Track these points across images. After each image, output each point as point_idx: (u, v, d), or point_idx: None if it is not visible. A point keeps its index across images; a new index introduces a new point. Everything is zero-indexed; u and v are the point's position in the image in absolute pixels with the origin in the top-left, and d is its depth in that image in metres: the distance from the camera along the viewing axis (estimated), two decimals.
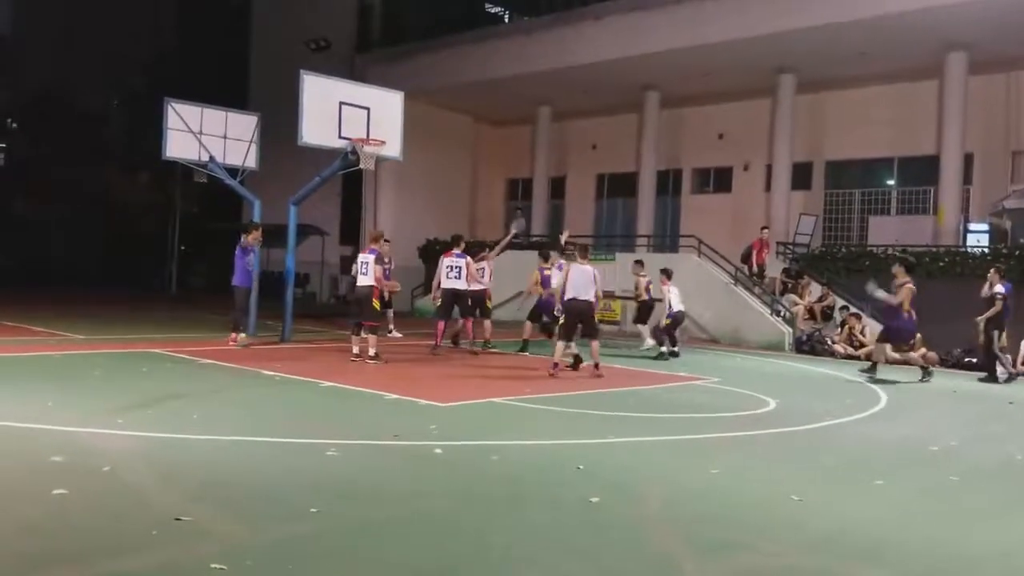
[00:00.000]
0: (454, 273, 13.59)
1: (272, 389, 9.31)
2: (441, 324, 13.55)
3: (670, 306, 15.00)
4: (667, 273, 15.31)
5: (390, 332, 15.72)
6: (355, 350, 11.85)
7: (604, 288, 21.76)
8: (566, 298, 11.38)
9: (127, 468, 5.42)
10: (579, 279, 11.30)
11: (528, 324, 14.68)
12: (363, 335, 11.79)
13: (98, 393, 8.38)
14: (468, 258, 13.81)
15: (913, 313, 12.87)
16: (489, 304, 14.43)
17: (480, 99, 27.21)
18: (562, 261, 12.68)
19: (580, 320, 11.42)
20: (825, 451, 7.05)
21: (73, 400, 7.87)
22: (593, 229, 27.92)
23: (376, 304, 11.87)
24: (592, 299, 11.37)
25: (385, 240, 13.82)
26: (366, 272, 11.80)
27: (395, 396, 8.89)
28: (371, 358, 11.54)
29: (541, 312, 14.61)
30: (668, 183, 26.35)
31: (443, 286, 13.65)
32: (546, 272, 14.51)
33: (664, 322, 14.96)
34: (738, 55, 20.70)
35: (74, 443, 6.04)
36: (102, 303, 22.34)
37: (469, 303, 13.90)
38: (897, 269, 13.26)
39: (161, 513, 4.48)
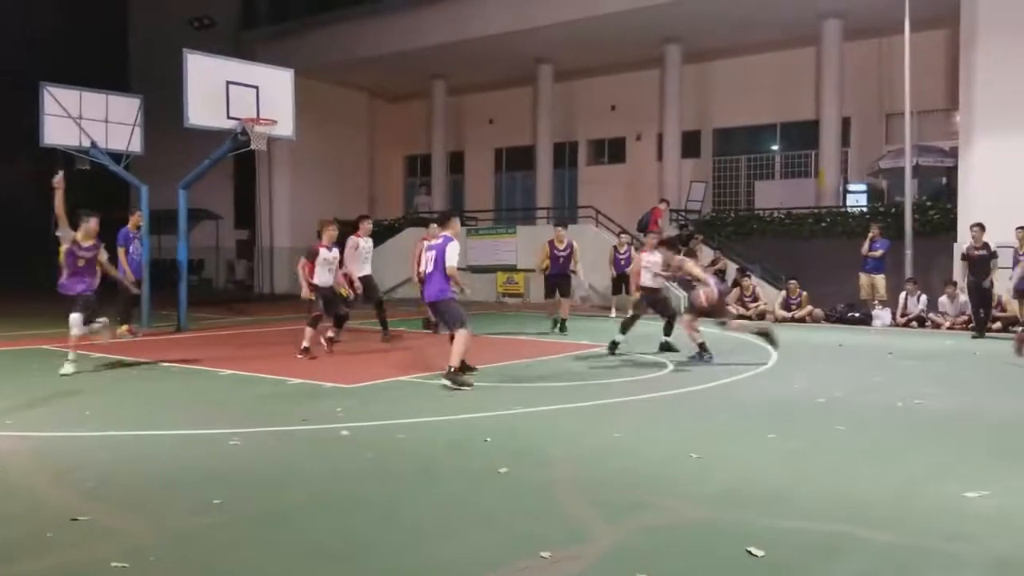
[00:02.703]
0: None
1: (170, 380, 9.08)
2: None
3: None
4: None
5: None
6: (330, 333, 11.14)
7: (504, 262, 22.08)
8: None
9: (17, 470, 5.22)
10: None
11: (563, 301, 14.45)
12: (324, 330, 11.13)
13: None
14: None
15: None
16: (344, 292, 11.92)
17: (374, 75, 26.88)
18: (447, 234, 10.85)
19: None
20: (720, 409, 7.33)
21: None
22: (493, 203, 28.02)
23: (343, 292, 11.27)
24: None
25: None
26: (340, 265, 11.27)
27: (298, 380, 8.79)
28: (302, 351, 10.62)
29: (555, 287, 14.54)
30: (564, 155, 26.66)
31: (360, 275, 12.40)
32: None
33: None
34: (627, 26, 21.01)
35: None
36: None
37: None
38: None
39: (56, 514, 4.34)
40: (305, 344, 10.64)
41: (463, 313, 8.68)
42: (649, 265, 11.54)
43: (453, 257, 8.48)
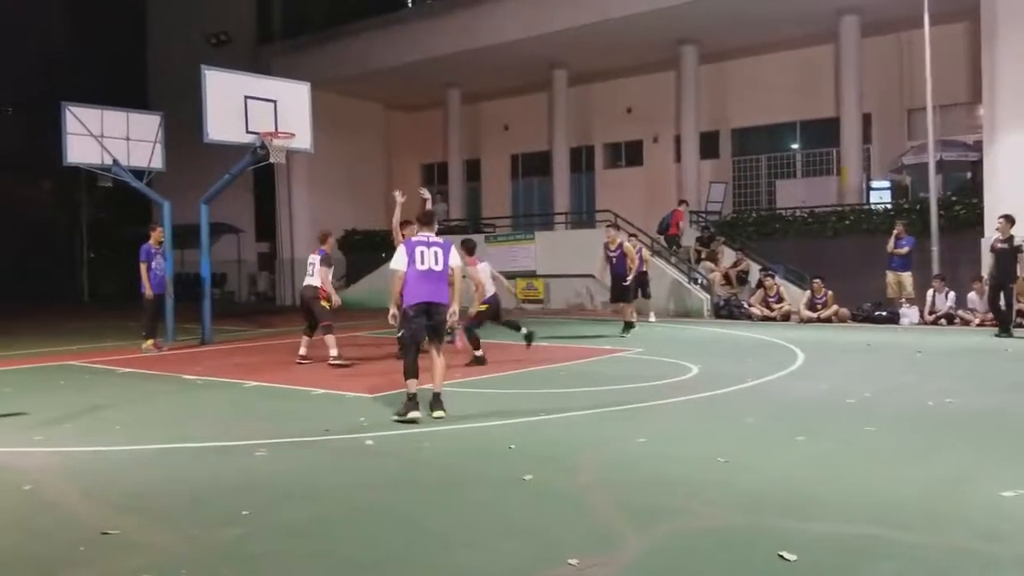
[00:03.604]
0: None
1: (196, 393, 9.13)
2: None
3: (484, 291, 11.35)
4: (468, 248, 10.85)
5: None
6: (302, 351, 11.29)
7: (523, 268, 21.97)
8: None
9: (49, 485, 5.26)
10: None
11: (627, 306, 14.44)
12: (316, 336, 11.24)
13: (14, 411, 8.06)
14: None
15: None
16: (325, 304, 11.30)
17: (389, 85, 26.97)
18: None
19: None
20: (747, 412, 7.25)
21: None
22: (511, 209, 28.03)
23: (325, 304, 11.12)
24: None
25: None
26: (312, 273, 11.27)
27: (322, 391, 8.81)
28: (334, 359, 10.74)
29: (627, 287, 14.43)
30: (581, 159, 26.62)
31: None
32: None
33: (477, 309, 11.11)
34: (640, 28, 20.97)
35: None
36: (11, 317, 21.46)
37: None
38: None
39: (88, 528, 4.36)
40: (335, 352, 10.80)
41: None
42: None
43: (456, 259, 7.58)
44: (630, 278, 14.47)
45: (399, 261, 7.35)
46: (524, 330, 11.30)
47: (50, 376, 10.55)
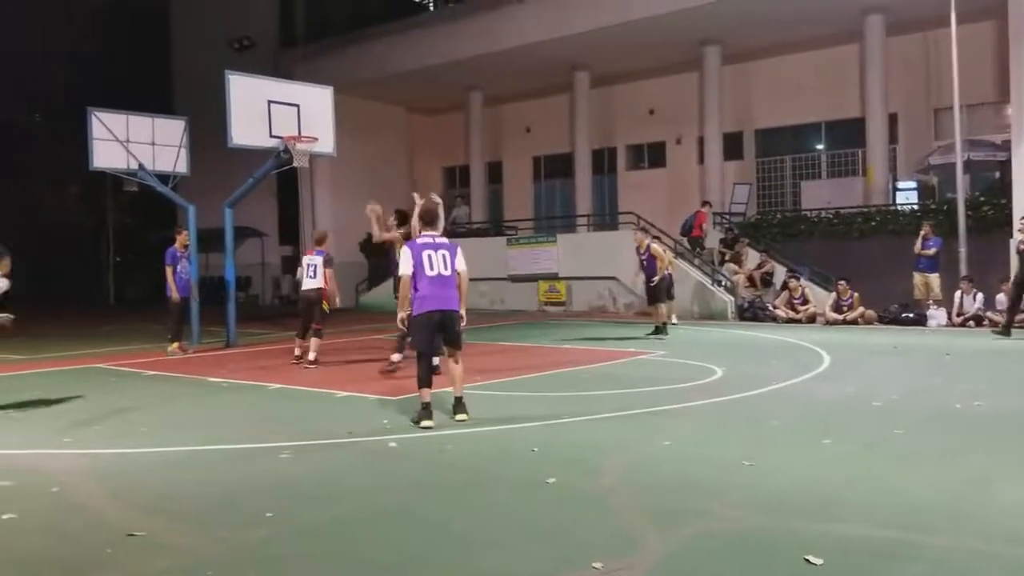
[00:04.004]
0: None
1: (220, 396, 9.19)
2: None
3: None
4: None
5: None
6: (297, 352, 11.54)
7: (545, 271, 21.90)
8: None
9: (76, 487, 5.31)
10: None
11: (661, 306, 14.45)
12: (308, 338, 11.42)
13: (41, 413, 8.16)
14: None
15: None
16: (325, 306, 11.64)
17: (410, 89, 27.06)
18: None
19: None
20: (772, 414, 7.20)
21: (15, 422, 7.66)
22: (533, 212, 28.03)
23: (325, 306, 11.37)
24: None
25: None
26: (314, 275, 11.33)
27: (345, 393, 8.85)
28: (310, 363, 11.03)
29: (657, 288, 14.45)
30: (603, 161, 26.58)
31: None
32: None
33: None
34: (661, 30, 20.92)
35: (19, 466, 5.90)
36: (39, 320, 21.72)
37: None
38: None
39: (114, 530, 4.40)
40: (314, 355, 11.06)
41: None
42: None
43: (462, 262, 7.35)
44: (656, 279, 14.44)
45: (405, 265, 7.14)
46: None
47: (78, 379, 10.65)
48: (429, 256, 7.09)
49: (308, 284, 11.36)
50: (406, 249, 7.26)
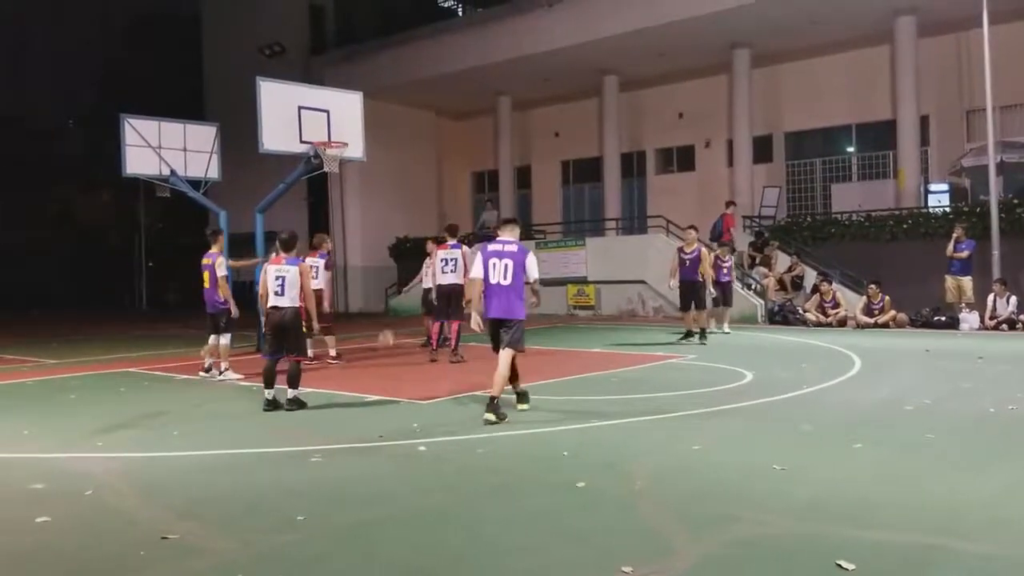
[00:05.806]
0: (450, 267, 12.13)
1: (251, 399, 9.25)
2: (436, 325, 12.63)
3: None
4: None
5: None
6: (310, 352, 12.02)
7: (574, 275, 21.92)
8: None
9: (110, 490, 5.38)
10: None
11: (692, 312, 14.12)
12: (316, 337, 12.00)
13: (76, 417, 8.28)
14: (465, 248, 12.49)
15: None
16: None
17: (439, 93, 27.17)
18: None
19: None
20: (803, 419, 7.14)
21: (50, 426, 7.78)
22: (561, 216, 28.01)
23: (325, 307, 11.93)
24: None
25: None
26: (315, 276, 11.38)
27: (375, 397, 8.89)
28: (332, 358, 12.03)
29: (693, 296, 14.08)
30: (632, 165, 26.52)
31: (439, 282, 12.32)
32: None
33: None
34: (690, 33, 20.84)
35: (54, 469, 5.99)
36: (73, 325, 22.07)
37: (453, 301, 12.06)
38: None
39: (148, 533, 4.45)
40: (334, 351, 12.03)
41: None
42: None
43: (534, 269, 7.75)
44: (711, 286, 14.32)
45: (476, 269, 7.66)
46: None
47: (111, 383, 10.80)
48: (494, 264, 7.57)
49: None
50: (478, 254, 7.73)
